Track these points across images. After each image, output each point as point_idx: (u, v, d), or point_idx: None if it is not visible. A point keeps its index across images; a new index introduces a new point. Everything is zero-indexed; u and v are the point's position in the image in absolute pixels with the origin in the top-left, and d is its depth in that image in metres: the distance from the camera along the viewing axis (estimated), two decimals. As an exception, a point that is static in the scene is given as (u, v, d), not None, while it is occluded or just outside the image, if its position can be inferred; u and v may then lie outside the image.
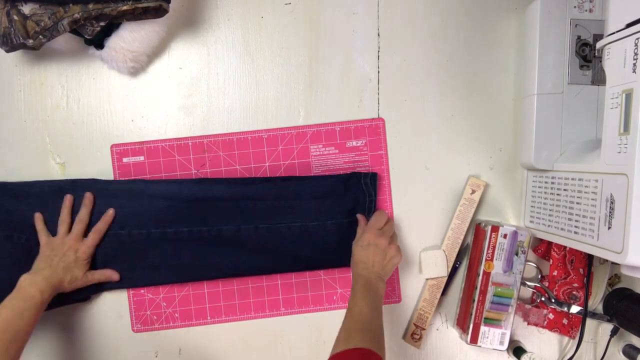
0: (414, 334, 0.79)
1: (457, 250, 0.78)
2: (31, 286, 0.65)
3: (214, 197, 0.75)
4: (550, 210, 0.71)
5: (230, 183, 0.76)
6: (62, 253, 0.70)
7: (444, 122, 0.79)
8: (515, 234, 0.73)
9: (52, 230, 0.72)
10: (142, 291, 0.77)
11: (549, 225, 0.71)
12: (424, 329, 0.79)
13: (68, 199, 0.73)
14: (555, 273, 0.76)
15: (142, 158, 0.77)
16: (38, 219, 0.73)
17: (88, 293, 0.75)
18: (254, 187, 0.76)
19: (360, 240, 0.71)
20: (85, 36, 0.67)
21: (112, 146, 0.77)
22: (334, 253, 0.77)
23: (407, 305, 0.80)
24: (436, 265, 0.78)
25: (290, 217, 0.76)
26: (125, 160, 0.77)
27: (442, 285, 0.79)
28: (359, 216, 0.76)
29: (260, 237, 0.75)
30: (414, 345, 0.79)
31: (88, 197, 0.73)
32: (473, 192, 0.78)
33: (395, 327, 0.80)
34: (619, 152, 0.55)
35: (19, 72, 0.76)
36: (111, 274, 0.74)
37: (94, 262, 0.74)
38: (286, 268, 0.78)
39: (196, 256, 0.75)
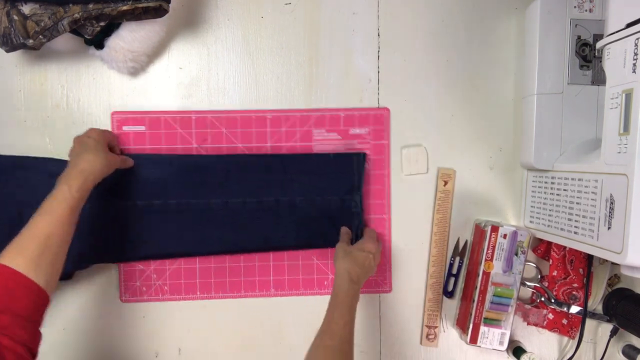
0: (429, 335, 0.80)
1: (446, 244, 0.79)
2: (62, 182, 0.61)
3: (204, 169, 0.76)
4: (550, 210, 0.71)
5: (220, 157, 0.76)
6: (82, 138, 0.68)
7: (444, 122, 0.79)
8: (515, 234, 0.73)
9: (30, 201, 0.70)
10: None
11: (548, 225, 0.71)
12: (436, 327, 0.79)
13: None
14: (555, 273, 0.76)
15: (143, 128, 0.76)
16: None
17: (73, 269, 0.73)
18: (244, 161, 0.76)
19: (363, 244, 0.71)
20: (85, 36, 0.67)
21: (112, 113, 0.76)
22: (322, 229, 0.77)
23: (414, 314, 0.81)
24: (417, 162, 0.78)
25: (279, 192, 0.76)
26: (125, 128, 0.76)
27: (442, 283, 0.79)
28: (343, 229, 0.76)
29: (248, 211, 0.76)
30: (431, 345, 0.80)
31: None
32: (445, 183, 0.78)
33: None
34: (619, 152, 0.55)
35: (19, 72, 0.76)
36: (127, 159, 0.73)
37: (80, 235, 0.70)
38: (273, 245, 0.78)
39: (183, 230, 0.76)
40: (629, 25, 0.54)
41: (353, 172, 0.77)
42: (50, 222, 0.57)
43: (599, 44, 0.59)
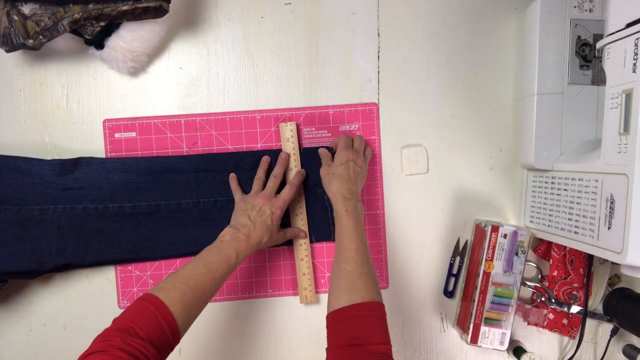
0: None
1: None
2: (231, 245, 0.64)
3: (173, 170, 0.76)
4: (550, 210, 0.71)
5: (189, 157, 0.76)
6: (258, 208, 0.69)
7: (444, 122, 0.79)
8: (515, 234, 0.73)
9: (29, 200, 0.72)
10: (130, 267, 0.77)
11: (549, 225, 0.71)
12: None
13: (265, 160, 0.75)
14: (555, 273, 0.76)
15: (134, 134, 0.77)
16: (233, 179, 0.75)
17: (44, 272, 0.74)
18: (213, 160, 0.76)
19: (338, 158, 0.70)
20: (85, 36, 0.67)
21: (104, 121, 0.77)
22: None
23: (414, 313, 0.80)
24: (417, 162, 0.79)
25: (250, 189, 0.75)
26: (117, 135, 0.77)
27: (442, 283, 0.79)
28: (321, 151, 0.75)
29: (219, 210, 0.76)
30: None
31: (284, 157, 0.75)
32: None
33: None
34: (619, 152, 0.55)
35: (19, 72, 0.76)
36: (299, 232, 0.76)
37: (47, 237, 0.73)
38: None
39: (155, 231, 0.75)
40: (629, 25, 0.54)
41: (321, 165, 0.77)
42: (212, 281, 0.60)
43: (599, 44, 0.59)
